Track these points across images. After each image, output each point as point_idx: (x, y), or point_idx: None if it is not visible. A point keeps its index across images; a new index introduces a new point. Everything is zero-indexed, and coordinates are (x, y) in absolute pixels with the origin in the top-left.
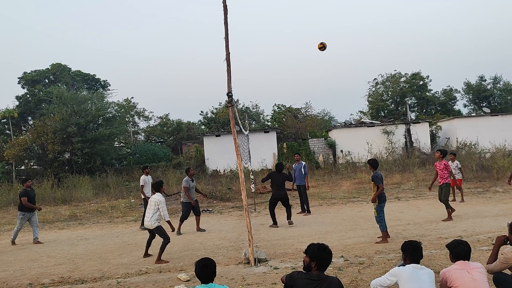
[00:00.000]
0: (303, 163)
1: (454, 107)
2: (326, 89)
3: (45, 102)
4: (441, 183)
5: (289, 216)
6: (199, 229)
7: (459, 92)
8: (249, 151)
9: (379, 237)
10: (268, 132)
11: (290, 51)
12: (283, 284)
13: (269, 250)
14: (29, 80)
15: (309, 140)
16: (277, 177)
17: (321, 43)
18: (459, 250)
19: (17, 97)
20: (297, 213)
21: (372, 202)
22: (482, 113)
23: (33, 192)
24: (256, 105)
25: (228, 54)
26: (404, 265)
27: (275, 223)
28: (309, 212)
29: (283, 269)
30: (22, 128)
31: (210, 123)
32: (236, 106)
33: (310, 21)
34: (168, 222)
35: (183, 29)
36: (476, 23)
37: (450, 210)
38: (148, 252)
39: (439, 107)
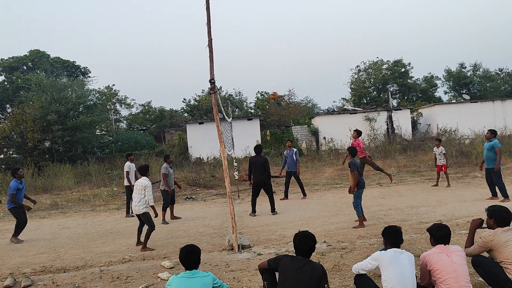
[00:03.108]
0: (295, 149)
1: (435, 94)
2: (309, 76)
3: (24, 89)
4: None
5: (273, 209)
6: (173, 217)
7: (440, 79)
8: (232, 139)
9: (356, 221)
10: (251, 119)
11: (274, 38)
12: (262, 271)
13: (253, 237)
14: (6, 67)
15: (292, 127)
16: (257, 160)
17: (273, 94)
18: (441, 234)
19: None
20: (301, 199)
21: (350, 193)
22: (462, 100)
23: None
24: (239, 92)
25: (210, 40)
26: (385, 250)
27: (254, 211)
28: (305, 195)
29: (267, 255)
30: (0, 116)
31: (193, 111)
32: (219, 93)
33: (294, 8)
34: (152, 207)
35: (164, 15)
36: (457, 11)
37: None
38: (140, 240)
39: (420, 94)
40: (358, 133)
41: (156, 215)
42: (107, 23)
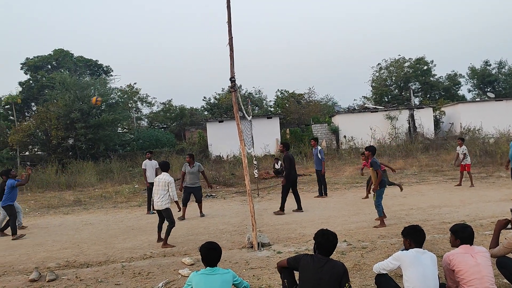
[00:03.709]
0: (319, 147)
1: (458, 92)
2: (330, 74)
3: (48, 88)
4: None
5: (299, 207)
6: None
7: (464, 77)
8: (252, 137)
9: (376, 219)
10: (271, 118)
11: (294, 36)
12: (281, 269)
13: (272, 235)
14: (31, 66)
15: (312, 125)
16: (292, 157)
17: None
18: (466, 234)
19: (20, 83)
20: (314, 197)
21: (373, 192)
22: (486, 98)
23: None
24: (259, 90)
25: (231, 38)
26: (406, 250)
27: (283, 209)
28: (325, 194)
29: (286, 253)
30: (26, 114)
31: (213, 109)
32: (239, 92)
33: (314, 6)
34: (176, 202)
35: (186, 14)
36: (481, 6)
37: None
38: (161, 236)
39: (443, 92)
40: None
41: (180, 209)
42: (129, 23)
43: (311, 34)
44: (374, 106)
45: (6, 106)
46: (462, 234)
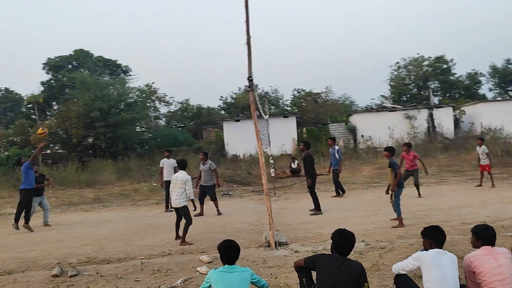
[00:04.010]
0: (336, 147)
1: (478, 91)
2: (347, 73)
3: (69, 87)
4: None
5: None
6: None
7: (484, 76)
8: (268, 136)
9: (392, 219)
10: (287, 117)
11: (310, 35)
12: (298, 268)
13: (290, 234)
14: (53, 65)
15: (329, 125)
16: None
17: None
18: (488, 235)
19: (42, 83)
20: (331, 197)
21: (392, 192)
22: (508, 97)
23: (42, 177)
24: (276, 89)
25: (249, 38)
26: (426, 250)
27: (319, 208)
28: (343, 192)
29: (304, 253)
30: (47, 113)
31: (230, 108)
32: (256, 91)
33: (330, 4)
34: (192, 200)
35: (202, 14)
36: (503, 3)
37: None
38: (179, 234)
39: (463, 91)
40: (409, 146)
41: (195, 209)
42: (148, 24)
43: (328, 32)
44: (393, 105)
45: (28, 105)
46: (483, 235)
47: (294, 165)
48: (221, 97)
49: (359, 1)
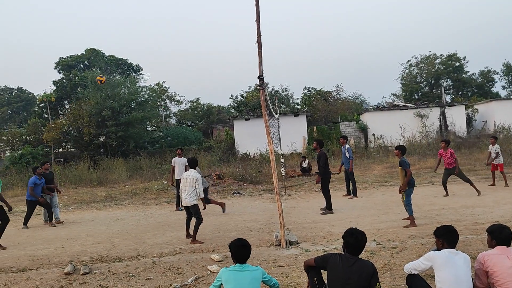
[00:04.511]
0: (347, 146)
1: (492, 89)
2: (358, 71)
3: (81, 86)
4: None
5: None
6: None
7: (498, 73)
8: (279, 135)
9: (404, 219)
10: (298, 115)
11: (321, 33)
12: (308, 268)
13: (300, 233)
14: (65, 65)
15: (340, 123)
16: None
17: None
18: (504, 235)
19: (54, 82)
20: (342, 196)
21: (402, 191)
22: None
23: (51, 174)
24: (286, 88)
25: (259, 37)
26: (439, 250)
27: (330, 208)
28: (355, 195)
29: (315, 252)
30: (59, 112)
31: (240, 107)
32: (266, 90)
33: (341, 1)
34: (202, 199)
35: (213, 12)
36: None
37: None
38: (190, 233)
39: (476, 90)
40: (447, 142)
41: (205, 207)
42: (157, 23)
43: (339, 30)
44: (404, 104)
45: (41, 104)
46: (499, 235)
47: (304, 164)
48: (232, 95)
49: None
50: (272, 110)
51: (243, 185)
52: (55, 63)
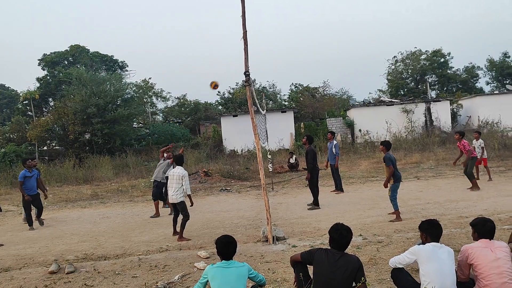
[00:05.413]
0: (334, 142)
1: (476, 84)
2: (344, 67)
3: (65, 83)
4: None
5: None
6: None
7: (482, 69)
8: (266, 131)
9: (389, 213)
10: (285, 112)
11: (307, 30)
12: (295, 263)
13: (287, 229)
14: (49, 61)
15: (327, 119)
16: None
17: (214, 84)
18: (487, 228)
19: (38, 79)
20: (330, 191)
21: (385, 187)
22: (505, 90)
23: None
24: (273, 84)
25: (245, 32)
26: (423, 244)
27: (317, 203)
28: (341, 190)
29: (301, 247)
30: (43, 109)
31: (227, 103)
32: (253, 86)
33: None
34: (189, 196)
35: (199, 7)
36: None
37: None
38: (177, 230)
39: (461, 85)
40: (461, 134)
41: (192, 204)
42: (143, 17)
43: (326, 27)
44: (390, 100)
45: (24, 102)
46: (482, 228)
47: (292, 160)
48: (219, 92)
49: None
50: (259, 106)
51: (230, 182)
52: (38, 59)
